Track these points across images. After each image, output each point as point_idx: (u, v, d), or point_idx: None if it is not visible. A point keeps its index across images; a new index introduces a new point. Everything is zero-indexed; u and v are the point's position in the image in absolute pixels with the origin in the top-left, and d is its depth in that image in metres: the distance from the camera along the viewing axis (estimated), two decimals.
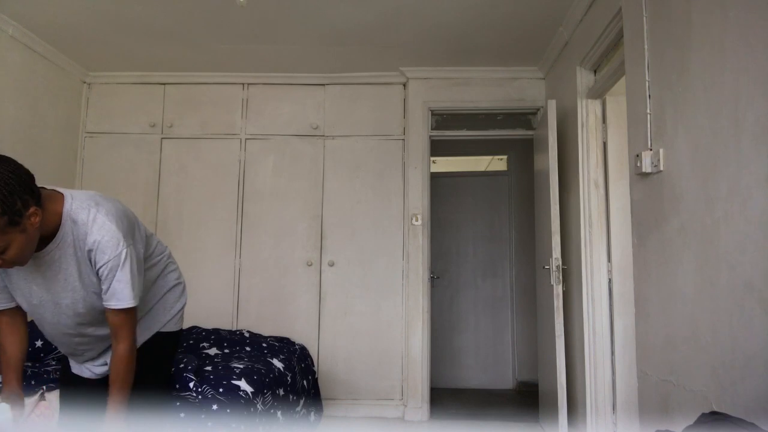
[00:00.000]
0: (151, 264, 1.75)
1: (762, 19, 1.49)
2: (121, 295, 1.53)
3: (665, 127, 2.03)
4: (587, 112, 3.19)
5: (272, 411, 2.36)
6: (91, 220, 1.49)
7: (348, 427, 3.70)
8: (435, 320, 4.70)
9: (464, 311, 5.17)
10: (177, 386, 2.12)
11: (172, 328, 1.83)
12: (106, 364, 1.70)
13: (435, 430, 3.73)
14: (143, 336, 1.74)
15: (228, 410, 2.04)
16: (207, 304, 3.88)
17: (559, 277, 3.29)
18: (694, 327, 1.81)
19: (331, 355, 4.02)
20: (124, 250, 1.51)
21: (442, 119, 4.25)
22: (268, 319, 4.01)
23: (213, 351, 2.93)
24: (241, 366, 2.40)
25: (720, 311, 1.66)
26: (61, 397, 1.82)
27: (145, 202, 4.17)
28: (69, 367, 1.79)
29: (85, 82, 4.29)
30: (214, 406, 2.03)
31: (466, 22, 3.40)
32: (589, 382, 3.04)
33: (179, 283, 1.87)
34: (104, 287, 1.53)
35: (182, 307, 1.87)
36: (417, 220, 4.04)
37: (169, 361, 1.89)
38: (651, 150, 2.13)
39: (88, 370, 1.73)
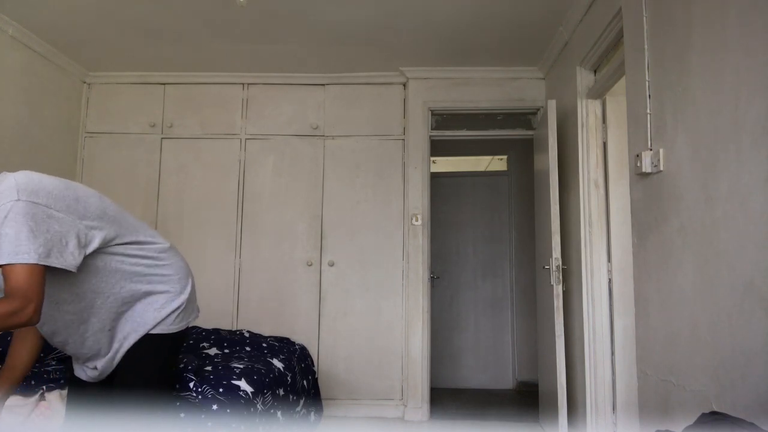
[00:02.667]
0: (130, 255, 1.59)
1: (762, 19, 1.49)
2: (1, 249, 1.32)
3: (665, 127, 2.03)
4: (587, 112, 3.19)
5: (272, 411, 2.36)
6: (1, 183, 1.38)
7: (348, 427, 3.70)
8: (435, 320, 4.70)
9: (464, 311, 5.17)
10: (177, 386, 2.12)
11: (165, 329, 1.65)
12: (96, 369, 1.65)
13: (435, 430, 3.73)
14: (130, 339, 1.61)
15: (228, 410, 2.03)
16: (207, 304, 3.86)
17: (559, 277, 3.29)
18: (694, 327, 1.81)
19: (331, 355, 4.02)
20: (13, 203, 1.33)
21: (442, 119, 4.25)
22: (268, 319, 4.01)
23: (213, 351, 2.92)
24: (241, 366, 2.40)
25: (720, 311, 1.66)
26: (68, 398, 1.80)
27: (145, 202, 4.18)
28: (72, 369, 1.77)
29: (85, 82, 4.29)
30: (214, 406, 2.03)
31: (466, 22, 3.40)
32: (589, 382, 3.04)
33: (175, 280, 1.69)
34: None
35: (180, 306, 1.68)
36: (417, 220, 4.04)
37: (159, 363, 1.70)
38: (651, 150, 2.13)
39: (83, 372, 1.70)
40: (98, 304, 1.56)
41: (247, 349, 3.06)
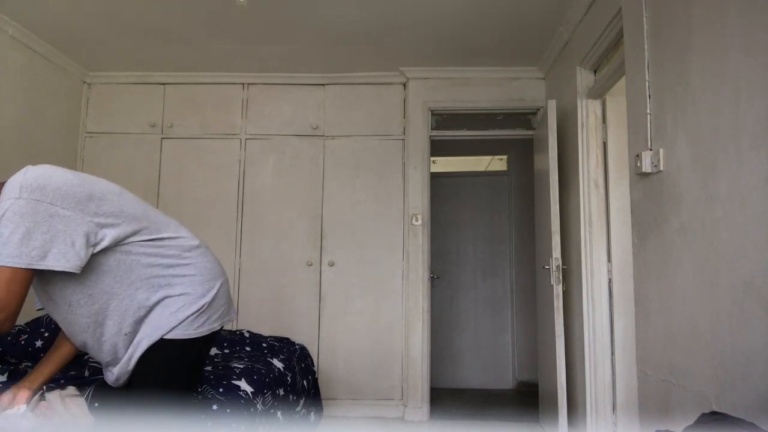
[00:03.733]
0: (147, 254, 1.51)
1: (762, 19, 1.49)
2: None
3: (665, 127, 2.03)
4: (587, 112, 3.19)
5: (272, 411, 2.36)
6: (14, 178, 1.36)
7: (348, 427, 3.70)
8: (435, 320, 4.70)
9: (464, 311, 5.17)
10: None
11: (182, 334, 1.54)
12: (113, 373, 1.61)
13: (435, 430, 3.73)
14: (143, 344, 1.53)
15: (228, 410, 2.03)
16: None
17: (559, 277, 3.29)
18: (694, 327, 1.81)
19: (331, 355, 4.02)
20: (12, 201, 1.30)
21: (442, 119, 4.25)
22: (268, 319, 4.01)
23: (213, 351, 2.93)
24: (241, 366, 2.40)
25: (720, 311, 1.66)
26: (94, 399, 1.78)
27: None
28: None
29: (85, 82, 4.29)
30: (214, 406, 2.03)
31: (466, 22, 3.40)
32: (589, 382, 3.04)
33: (197, 282, 1.59)
34: None
35: (199, 310, 1.57)
36: (417, 220, 4.04)
37: (176, 370, 1.59)
38: (651, 150, 2.13)
39: (106, 376, 1.67)
40: (113, 306, 1.50)
41: (247, 349, 3.06)
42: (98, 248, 1.42)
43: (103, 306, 1.48)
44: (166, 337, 1.53)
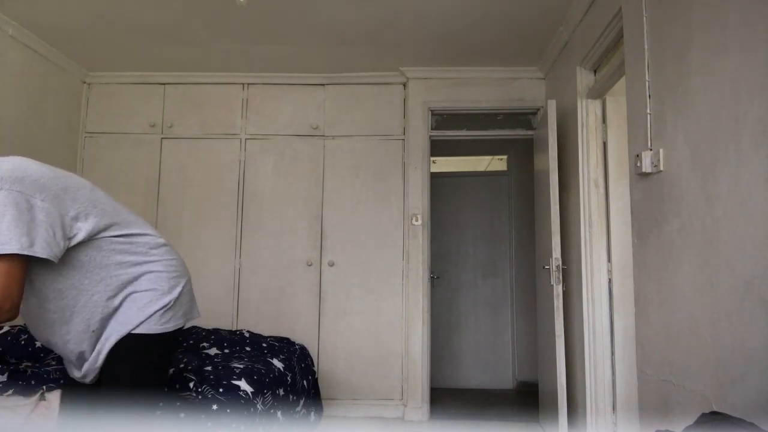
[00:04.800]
0: (116, 250, 1.53)
1: (762, 18, 1.50)
2: None
3: (665, 127, 2.03)
4: (587, 112, 3.19)
5: (272, 411, 2.36)
6: None
7: (348, 427, 3.70)
8: (435, 320, 4.70)
9: (464, 311, 5.17)
10: (177, 386, 2.12)
11: (150, 329, 1.55)
12: (81, 370, 1.60)
13: (435, 430, 3.73)
14: (111, 339, 1.53)
15: (228, 410, 2.04)
16: (207, 304, 3.86)
17: (559, 277, 3.29)
18: (694, 327, 1.81)
19: (331, 355, 4.02)
20: None
21: (442, 119, 4.25)
22: (268, 319, 4.01)
23: (213, 351, 2.93)
24: (241, 366, 2.40)
25: (720, 311, 1.66)
26: (62, 398, 1.79)
27: (145, 202, 4.17)
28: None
29: (85, 82, 4.29)
30: (214, 406, 2.03)
31: (466, 22, 3.40)
32: (589, 382, 3.04)
33: (164, 279, 1.62)
34: None
35: (166, 306, 1.59)
36: (417, 220, 4.04)
37: (144, 364, 1.60)
38: (651, 150, 2.13)
39: (71, 372, 1.66)
40: (82, 302, 1.50)
41: (247, 349, 3.06)
42: (73, 242, 1.44)
43: (71, 302, 1.49)
44: (134, 332, 1.54)
